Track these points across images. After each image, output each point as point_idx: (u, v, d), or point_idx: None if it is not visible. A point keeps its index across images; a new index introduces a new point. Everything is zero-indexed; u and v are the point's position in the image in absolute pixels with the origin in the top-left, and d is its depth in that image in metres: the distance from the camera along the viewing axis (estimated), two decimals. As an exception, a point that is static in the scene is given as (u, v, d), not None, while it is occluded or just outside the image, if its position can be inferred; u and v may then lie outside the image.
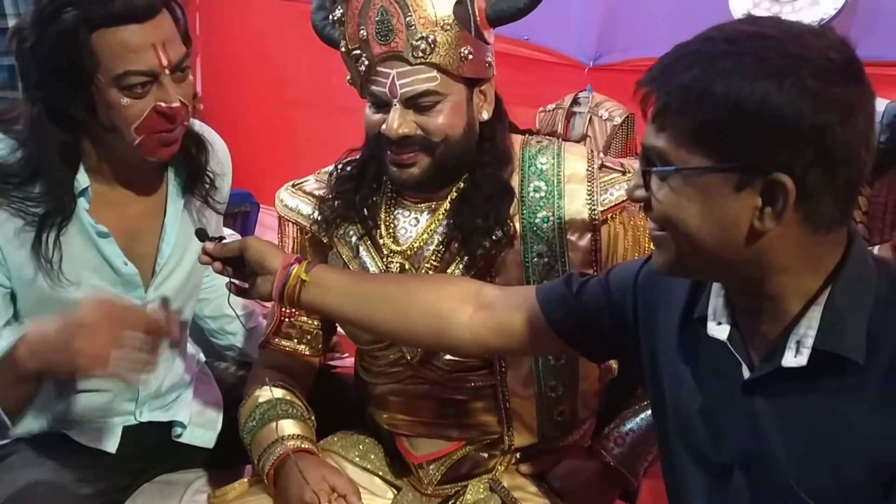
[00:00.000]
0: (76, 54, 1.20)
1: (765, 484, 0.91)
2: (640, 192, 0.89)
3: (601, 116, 3.03)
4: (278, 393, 1.40)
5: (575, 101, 3.18)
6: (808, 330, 0.85)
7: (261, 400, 1.39)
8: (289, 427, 1.35)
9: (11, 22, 1.92)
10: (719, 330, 0.93)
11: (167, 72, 1.25)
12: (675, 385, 1.01)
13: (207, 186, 1.47)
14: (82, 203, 1.32)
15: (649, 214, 0.89)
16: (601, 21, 3.15)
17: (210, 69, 4.25)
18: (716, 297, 0.94)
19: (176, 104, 1.27)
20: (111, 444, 1.44)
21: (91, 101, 1.25)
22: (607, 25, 3.14)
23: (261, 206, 3.34)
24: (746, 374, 0.91)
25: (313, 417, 1.42)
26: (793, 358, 0.85)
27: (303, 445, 1.33)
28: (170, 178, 1.44)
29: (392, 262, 1.36)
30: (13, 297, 1.34)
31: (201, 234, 1.28)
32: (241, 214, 3.11)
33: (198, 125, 1.46)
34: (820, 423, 0.86)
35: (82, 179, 1.32)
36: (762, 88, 0.77)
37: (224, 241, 1.26)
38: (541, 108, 3.26)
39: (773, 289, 0.86)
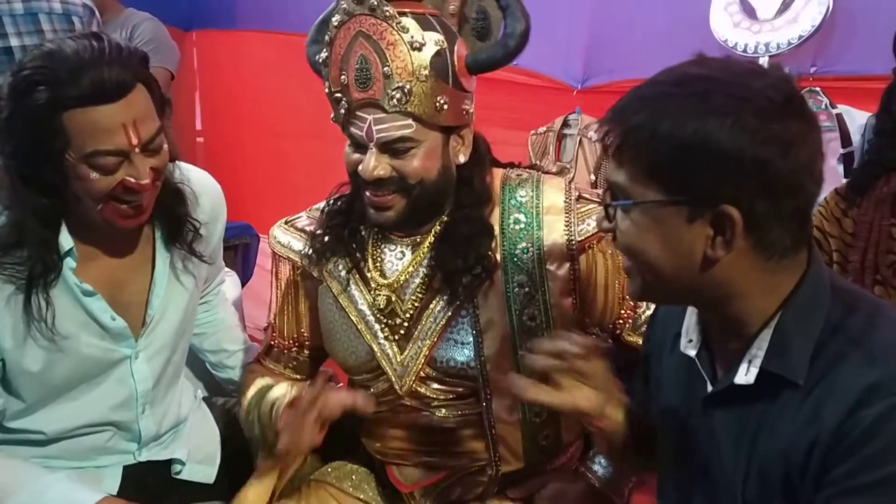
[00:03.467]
0: (47, 132, 1.19)
1: (722, 499, 0.95)
2: (606, 224, 0.94)
3: (591, 138, 3.08)
4: (265, 382, 1.44)
5: (565, 124, 3.23)
6: (759, 350, 0.89)
7: (249, 395, 1.42)
8: (280, 389, 1.38)
9: (13, 41, 1.86)
10: (690, 347, 0.98)
11: (137, 150, 1.24)
12: (665, 404, 1.05)
13: (191, 237, 1.45)
14: (69, 262, 1.32)
15: (616, 244, 0.94)
16: (587, 45, 3.19)
17: (208, 103, 4.31)
18: (689, 316, 0.99)
19: (145, 181, 1.25)
20: (112, 486, 1.43)
21: (63, 173, 1.24)
22: (593, 48, 3.19)
23: (261, 236, 3.39)
24: (710, 389, 0.96)
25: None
26: (744, 376, 0.90)
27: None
28: (156, 231, 1.43)
29: (379, 294, 1.40)
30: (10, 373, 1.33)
31: None
32: (242, 246, 3.15)
33: (179, 173, 1.44)
34: (758, 434, 0.90)
35: (65, 241, 1.31)
36: (706, 127, 0.82)
37: None
38: (532, 131, 3.30)
39: (734, 311, 0.91)
